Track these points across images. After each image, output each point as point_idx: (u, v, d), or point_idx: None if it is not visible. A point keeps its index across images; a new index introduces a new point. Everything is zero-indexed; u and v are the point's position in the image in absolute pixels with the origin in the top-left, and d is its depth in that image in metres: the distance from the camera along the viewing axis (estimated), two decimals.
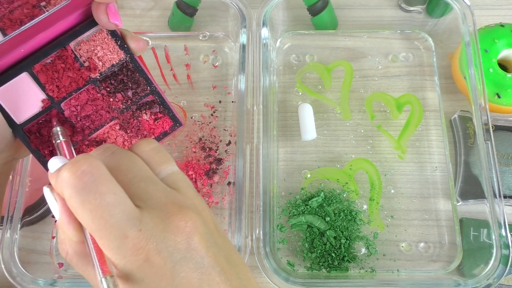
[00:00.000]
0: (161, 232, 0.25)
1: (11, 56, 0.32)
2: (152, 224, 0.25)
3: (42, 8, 0.33)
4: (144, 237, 0.25)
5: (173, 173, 0.30)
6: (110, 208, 0.25)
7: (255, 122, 0.53)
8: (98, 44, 0.34)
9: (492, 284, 0.46)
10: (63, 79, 0.34)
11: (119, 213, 0.25)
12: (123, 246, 0.25)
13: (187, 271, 0.25)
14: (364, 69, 0.60)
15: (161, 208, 0.26)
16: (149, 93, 0.36)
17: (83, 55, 0.34)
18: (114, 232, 0.24)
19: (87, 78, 0.34)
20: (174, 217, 0.26)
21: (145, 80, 0.36)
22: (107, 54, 0.34)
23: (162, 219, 0.26)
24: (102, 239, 0.25)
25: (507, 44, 0.55)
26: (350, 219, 0.52)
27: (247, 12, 0.56)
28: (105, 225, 0.24)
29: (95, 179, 0.25)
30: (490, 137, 0.50)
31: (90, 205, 0.25)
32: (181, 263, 0.25)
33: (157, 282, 0.25)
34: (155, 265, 0.25)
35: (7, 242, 0.47)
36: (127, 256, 0.25)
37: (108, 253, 0.25)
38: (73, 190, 0.25)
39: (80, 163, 0.25)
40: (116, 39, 0.34)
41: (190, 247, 0.26)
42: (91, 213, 0.25)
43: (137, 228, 0.25)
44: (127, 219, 0.25)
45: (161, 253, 0.25)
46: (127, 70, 0.36)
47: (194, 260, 0.26)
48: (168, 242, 0.25)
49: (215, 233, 0.28)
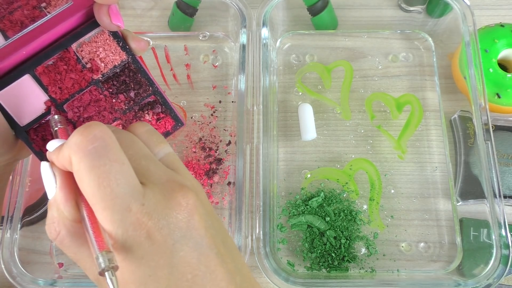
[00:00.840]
0: (163, 208, 0.25)
1: (13, 58, 0.32)
2: (155, 200, 0.25)
3: (42, 9, 0.33)
4: (147, 212, 0.24)
5: (169, 154, 0.30)
6: (117, 177, 0.24)
7: (255, 122, 0.53)
8: (100, 46, 0.34)
9: (492, 284, 0.46)
10: (66, 80, 0.34)
11: (125, 184, 0.24)
12: (126, 220, 0.24)
13: (186, 250, 0.25)
14: (364, 69, 0.60)
15: (163, 185, 0.26)
16: (151, 93, 0.36)
17: (85, 56, 0.34)
18: (118, 203, 0.24)
19: (89, 79, 0.34)
20: (177, 194, 0.26)
21: (147, 80, 0.36)
22: (109, 55, 0.34)
23: (164, 196, 0.25)
24: (105, 210, 0.24)
25: (507, 44, 0.55)
26: (350, 219, 0.52)
27: (247, 12, 0.56)
28: (111, 194, 0.24)
29: (106, 145, 0.24)
30: (490, 137, 0.50)
31: (98, 171, 0.24)
32: (181, 242, 0.25)
33: (156, 260, 0.25)
34: (155, 242, 0.24)
35: (7, 242, 0.47)
36: (129, 231, 0.24)
37: (109, 226, 0.24)
38: (83, 154, 0.24)
39: (92, 127, 0.25)
40: (118, 40, 0.34)
41: (190, 225, 0.26)
42: (98, 179, 0.24)
43: (140, 202, 0.24)
44: (132, 192, 0.24)
45: (162, 230, 0.25)
46: (129, 71, 0.36)
47: (193, 239, 0.26)
48: (169, 219, 0.25)
49: (213, 215, 0.28)
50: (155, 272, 0.25)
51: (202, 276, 0.25)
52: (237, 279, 0.27)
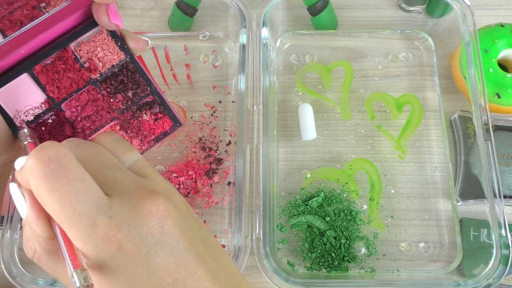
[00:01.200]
0: (133, 218, 0.25)
1: (11, 57, 0.32)
2: (123, 211, 0.25)
3: (41, 9, 0.33)
4: (115, 225, 0.24)
5: (138, 161, 0.29)
6: (78, 195, 0.24)
7: (255, 122, 0.53)
8: (98, 45, 0.34)
9: (492, 284, 0.46)
10: (64, 80, 0.34)
11: (88, 201, 0.24)
12: (94, 235, 0.24)
13: (162, 255, 0.25)
14: (364, 69, 0.60)
15: (131, 194, 0.26)
16: (149, 93, 0.36)
17: (83, 56, 0.34)
18: (83, 220, 0.24)
19: (87, 79, 0.34)
20: (145, 201, 0.26)
21: (145, 80, 0.36)
22: (107, 55, 0.34)
23: (132, 205, 0.25)
24: (72, 229, 0.24)
25: (507, 44, 0.55)
26: (350, 219, 0.52)
27: (247, 12, 0.56)
28: (74, 213, 0.24)
29: (62, 165, 0.24)
30: (490, 137, 0.50)
31: (58, 192, 0.24)
32: (155, 248, 0.25)
33: (133, 269, 0.24)
34: (129, 252, 0.24)
35: (7, 242, 0.47)
36: (99, 245, 0.24)
37: (78, 244, 0.24)
38: (40, 178, 0.24)
39: (46, 149, 0.25)
40: (116, 39, 0.34)
41: (163, 231, 0.25)
42: (59, 200, 0.24)
43: (107, 215, 0.24)
44: (96, 207, 0.24)
45: (134, 240, 0.24)
46: (127, 71, 0.36)
47: (169, 244, 0.25)
48: (140, 228, 0.25)
49: (189, 217, 0.28)
50: (133, 280, 0.24)
51: (182, 279, 0.25)
52: (221, 277, 0.27)
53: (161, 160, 0.56)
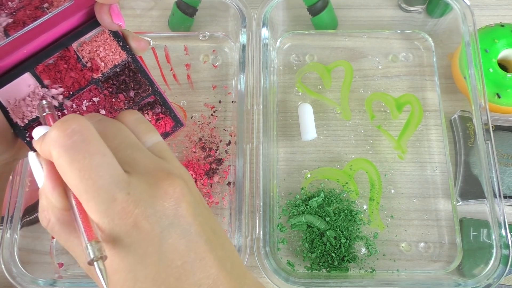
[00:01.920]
0: (150, 197, 0.25)
1: (14, 57, 0.32)
2: (141, 189, 0.25)
3: (44, 9, 0.33)
4: (133, 201, 0.24)
5: (158, 143, 0.29)
6: (99, 169, 0.24)
7: (255, 122, 0.53)
8: (100, 45, 0.34)
9: (492, 284, 0.46)
10: (66, 79, 0.34)
11: (107, 175, 0.24)
12: (111, 209, 0.24)
13: (174, 237, 0.25)
14: (364, 69, 0.60)
15: (149, 173, 0.26)
16: (150, 93, 0.36)
17: (86, 55, 0.34)
18: (102, 194, 0.24)
19: (89, 78, 0.34)
20: (163, 182, 0.26)
21: (147, 80, 0.36)
22: (109, 55, 0.35)
23: (150, 185, 0.25)
24: (90, 201, 0.24)
25: (507, 44, 0.55)
26: (350, 219, 0.52)
27: (247, 12, 0.56)
28: (93, 186, 0.24)
29: (84, 139, 0.24)
30: (490, 137, 0.50)
31: (78, 165, 0.24)
32: (169, 229, 0.25)
33: (145, 247, 0.25)
34: (143, 231, 0.25)
35: (7, 242, 0.47)
36: (115, 220, 0.24)
37: (95, 216, 0.24)
38: (62, 149, 0.24)
39: (70, 122, 0.25)
40: (118, 40, 0.34)
41: (178, 213, 0.26)
42: (79, 173, 0.24)
43: (125, 191, 0.24)
44: (115, 182, 0.24)
45: (149, 218, 0.25)
46: (129, 71, 0.36)
47: (181, 227, 0.26)
48: (156, 207, 0.25)
49: (201, 203, 0.28)
50: (144, 259, 0.25)
51: (191, 262, 0.26)
52: (227, 265, 0.27)
53: None
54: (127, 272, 0.25)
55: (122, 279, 0.25)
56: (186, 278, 0.25)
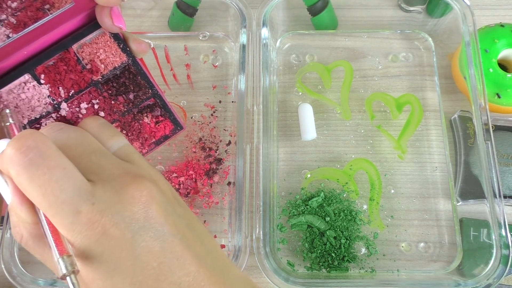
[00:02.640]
0: (116, 203, 0.25)
1: (14, 58, 0.32)
2: (106, 197, 0.25)
3: (46, 11, 0.33)
4: (98, 211, 0.24)
5: (124, 146, 0.29)
6: (60, 183, 0.24)
7: (255, 122, 0.53)
8: (100, 47, 0.34)
9: (492, 284, 0.46)
10: (65, 81, 0.34)
11: (69, 188, 0.24)
12: (77, 222, 0.24)
13: (147, 240, 0.25)
14: (364, 69, 0.60)
15: (115, 179, 0.26)
16: (150, 96, 0.36)
17: (86, 57, 0.34)
18: (66, 208, 0.24)
19: (89, 80, 0.34)
20: (129, 187, 0.26)
21: (146, 83, 0.36)
22: (110, 57, 0.35)
23: (116, 191, 0.25)
24: (55, 216, 0.24)
25: (507, 44, 0.55)
26: (350, 219, 0.52)
27: (247, 12, 0.56)
28: (56, 201, 0.24)
29: (41, 154, 0.24)
30: (490, 137, 0.50)
31: (39, 181, 0.24)
32: (140, 233, 0.25)
33: (118, 254, 0.24)
34: (113, 238, 0.24)
35: (7, 242, 0.47)
36: (83, 232, 0.24)
37: (62, 230, 0.24)
38: (19, 167, 0.24)
39: (25, 138, 0.24)
40: (118, 42, 0.34)
41: (148, 216, 0.25)
42: (40, 189, 0.24)
43: (90, 202, 0.24)
44: (79, 194, 0.24)
45: (118, 225, 0.24)
46: (129, 73, 0.36)
47: (153, 228, 0.25)
48: (124, 213, 0.25)
49: (174, 202, 0.28)
50: (118, 265, 0.24)
51: (168, 262, 0.25)
52: (208, 261, 0.27)
53: (161, 160, 0.56)
54: (103, 280, 0.25)
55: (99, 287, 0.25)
56: (165, 278, 0.25)
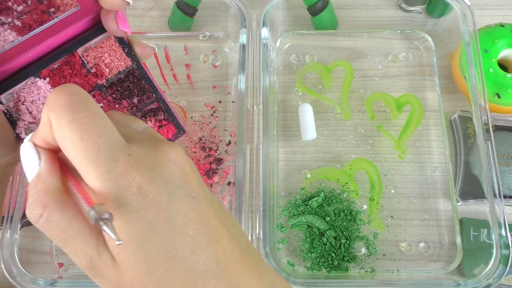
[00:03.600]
0: (152, 158, 0.24)
1: (19, 61, 0.32)
2: (142, 152, 0.24)
3: (51, 14, 0.33)
4: (135, 162, 0.23)
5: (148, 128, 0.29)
6: (99, 130, 0.23)
7: (255, 122, 0.53)
8: (105, 51, 0.34)
9: (492, 284, 0.46)
10: None
11: (107, 137, 0.23)
12: (113, 170, 0.23)
13: (183, 202, 0.24)
14: (364, 69, 0.60)
15: (148, 140, 0.25)
16: (154, 100, 0.36)
17: (90, 61, 0.34)
18: (103, 154, 0.23)
19: (93, 84, 0.34)
20: (164, 144, 0.25)
21: (150, 87, 0.36)
22: (114, 61, 0.35)
23: (151, 148, 0.24)
24: (91, 164, 0.23)
25: (507, 44, 0.55)
26: (350, 219, 0.52)
27: (247, 12, 0.56)
28: (93, 146, 0.23)
29: (84, 100, 0.24)
30: (490, 137, 0.50)
31: (79, 123, 0.23)
32: (176, 193, 0.24)
33: (154, 212, 0.23)
34: (150, 194, 0.23)
35: (7, 242, 0.47)
36: (119, 182, 0.23)
37: (97, 182, 0.23)
38: (62, 108, 0.23)
39: (68, 85, 0.24)
40: (123, 46, 0.34)
41: (184, 177, 0.24)
42: (79, 132, 0.23)
43: (126, 152, 0.23)
44: (116, 144, 0.23)
45: (155, 181, 0.23)
46: (133, 77, 0.36)
47: (189, 192, 0.24)
48: (161, 169, 0.24)
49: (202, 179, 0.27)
50: (155, 226, 0.23)
51: (204, 233, 0.24)
52: (241, 243, 0.25)
53: None
54: (139, 244, 0.23)
55: (133, 253, 0.23)
56: (201, 250, 0.23)
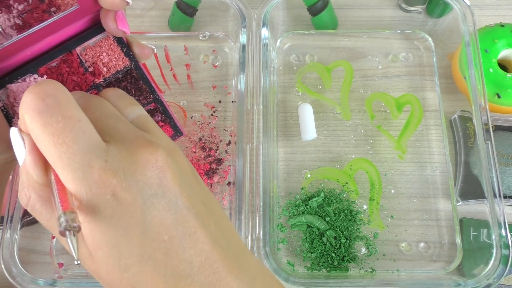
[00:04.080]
0: (130, 165, 0.24)
1: (17, 58, 0.32)
2: (120, 157, 0.24)
3: (51, 13, 0.33)
4: (111, 169, 0.23)
5: (141, 115, 0.28)
6: (73, 135, 0.23)
7: (255, 122, 0.53)
8: (104, 50, 0.34)
9: (492, 284, 0.46)
10: (68, 83, 0.34)
11: (83, 141, 0.23)
12: (88, 177, 0.23)
13: (159, 209, 0.24)
14: (364, 69, 0.60)
15: (130, 142, 0.25)
16: (151, 101, 0.36)
17: (88, 60, 0.34)
18: (77, 160, 0.23)
19: (91, 83, 0.34)
20: (144, 150, 0.24)
21: (148, 88, 0.36)
22: (112, 61, 0.35)
23: (130, 153, 0.24)
24: (65, 169, 0.23)
25: (507, 44, 0.55)
26: (350, 219, 0.52)
27: (247, 12, 0.56)
28: (67, 151, 0.22)
29: (58, 102, 0.23)
30: (490, 137, 0.50)
31: (51, 128, 0.23)
32: (152, 200, 0.24)
33: (127, 219, 0.23)
34: (124, 201, 0.23)
35: (7, 242, 0.47)
36: (93, 189, 0.23)
37: (71, 186, 0.23)
38: (34, 112, 0.23)
39: (45, 84, 0.24)
40: (122, 46, 0.34)
41: (162, 183, 0.24)
42: (52, 137, 0.23)
43: (103, 158, 0.23)
44: (92, 148, 0.23)
45: (130, 188, 0.23)
46: (131, 78, 0.36)
47: (167, 198, 0.24)
48: (137, 176, 0.24)
49: (191, 176, 0.27)
50: (127, 232, 0.23)
51: (180, 237, 0.24)
52: (222, 243, 0.25)
53: None
54: (110, 247, 0.23)
55: (105, 255, 0.23)
56: (175, 254, 0.24)
